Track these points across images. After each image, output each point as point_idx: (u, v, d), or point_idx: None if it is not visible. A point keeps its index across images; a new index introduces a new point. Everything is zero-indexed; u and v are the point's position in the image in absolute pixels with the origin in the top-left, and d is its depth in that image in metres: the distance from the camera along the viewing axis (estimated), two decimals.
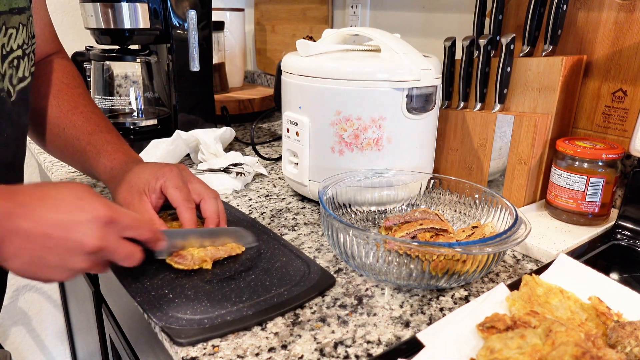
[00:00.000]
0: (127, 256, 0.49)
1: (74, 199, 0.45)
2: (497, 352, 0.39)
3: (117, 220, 0.47)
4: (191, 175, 0.64)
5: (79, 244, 0.44)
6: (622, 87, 0.74)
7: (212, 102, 1.09)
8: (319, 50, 0.75)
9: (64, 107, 0.69)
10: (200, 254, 0.58)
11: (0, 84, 0.55)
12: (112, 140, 0.69)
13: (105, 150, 0.68)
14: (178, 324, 0.49)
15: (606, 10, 0.74)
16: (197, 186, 0.63)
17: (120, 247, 0.48)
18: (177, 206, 0.60)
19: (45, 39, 0.70)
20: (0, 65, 0.55)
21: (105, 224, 0.46)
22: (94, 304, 1.00)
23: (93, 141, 0.68)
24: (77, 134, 0.69)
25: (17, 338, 1.59)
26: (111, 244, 0.46)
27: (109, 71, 1.00)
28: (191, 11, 0.97)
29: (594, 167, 0.69)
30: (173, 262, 0.57)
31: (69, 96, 0.71)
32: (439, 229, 0.64)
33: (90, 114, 0.71)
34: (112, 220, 0.46)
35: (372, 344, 0.48)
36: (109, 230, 0.46)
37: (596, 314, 0.47)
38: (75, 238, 0.44)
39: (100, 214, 0.45)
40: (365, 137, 0.72)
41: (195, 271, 0.58)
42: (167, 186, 0.61)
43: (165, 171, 0.62)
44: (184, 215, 0.60)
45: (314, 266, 0.60)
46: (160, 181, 0.61)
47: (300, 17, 1.44)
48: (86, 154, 0.68)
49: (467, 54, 0.82)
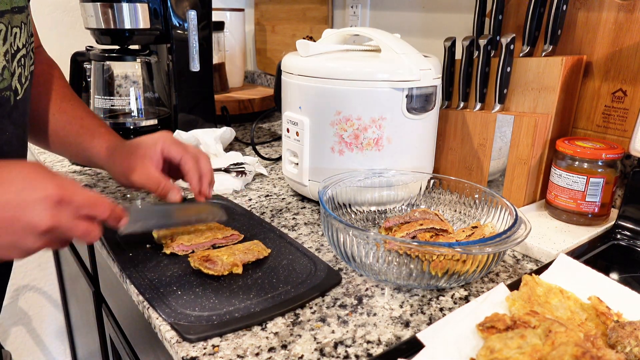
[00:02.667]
0: (84, 234, 0.48)
1: (24, 178, 0.44)
2: (497, 352, 0.39)
3: (70, 200, 0.46)
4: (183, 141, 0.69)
5: (30, 224, 0.43)
6: (622, 87, 0.74)
7: (212, 102, 1.09)
8: (319, 50, 0.75)
9: (53, 95, 0.71)
10: (230, 259, 0.58)
11: (7, 82, 0.55)
12: (103, 125, 0.73)
13: (99, 132, 0.71)
14: (187, 320, 0.49)
15: (606, 10, 0.74)
16: (191, 146, 0.67)
17: (74, 226, 0.47)
18: (181, 157, 0.64)
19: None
20: (10, 64, 0.55)
21: (57, 203, 0.45)
22: (94, 303, 1.00)
23: (86, 124, 0.71)
24: (68, 118, 0.71)
25: (17, 338, 1.59)
26: (64, 223, 0.45)
27: (109, 71, 1.00)
28: (191, 11, 0.97)
29: (594, 167, 0.69)
30: (203, 267, 0.57)
31: (58, 86, 0.73)
32: (439, 229, 0.64)
33: (77, 103, 0.74)
34: (63, 199, 0.45)
35: (372, 344, 0.48)
36: (62, 209, 0.45)
37: (596, 313, 0.47)
38: (26, 219, 0.43)
39: (51, 193, 0.44)
40: (365, 137, 0.72)
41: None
42: (167, 144, 0.64)
43: (161, 134, 0.66)
44: (188, 164, 0.64)
45: (320, 264, 0.60)
46: (159, 144, 0.64)
47: (300, 17, 1.44)
48: (80, 137, 0.70)
49: (467, 54, 0.82)
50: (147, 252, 0.62)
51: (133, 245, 0.63)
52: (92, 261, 0.98)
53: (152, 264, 0.60)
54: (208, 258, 0.57)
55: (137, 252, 0.63)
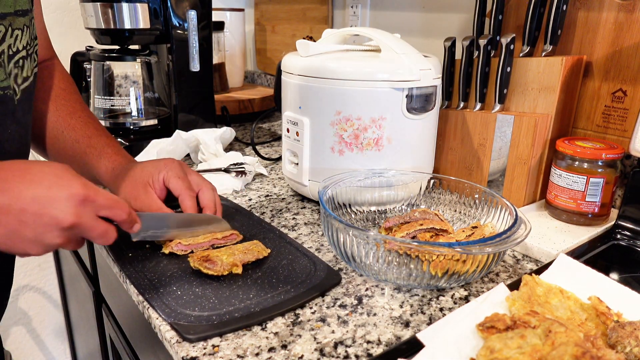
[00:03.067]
0: (101, 234, 0.50)
1: (53, 176, 0.47)
2: (497, 352, 0.39)
3: (93, 199, 0.48)
4: (189, 169, 0.69)
5: (54, 219, 0.45)
6: (622, 87, 0.74)
7: (212, 102, 1.09)
8: (319, 50, 0.75)
9: (62, 111, 0.72)
10: (230, 259, 0.58)
11: (7, 83, 0.57)
12: (111, 144, 0.72)
13: (106, 152, 0.71)
14: (187, 320, 0.49)
15: (606, 10, 0.74)
16: (196, 178, 0.67)
17: (95, 225, 0.49)
18: (180, 194, 0.64)
19: (42, 44, 0.72)
20: (7, 65, 0.56)
21: (81, 202, 0.47)
22: (94, 303, 1.00)
23: (93, 143, 0.71)
24: (77, 136, 0.71)
25: (17, 338, 1.59)
26: (86, 222, 0.48)
27: (109, 71, 1.00)
28: (191, 11, 0.97)
29: (594, 167, 0.69)
30: (203, 267, 0.57)
31: (67, 101, 0.73)
32: (439, 229, 0.64)
33: (87, 119, 0.73)
34: (88, 198, 0.47)
35: (372, 344, 0.48)
36: (85, 208, 0.47)
37: (596, 313, 0.47)
38: (52, 214, 0.45)
39: (76, 192, 0.46)
40: (365, 137, 0.72)
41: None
42: (170, 176, 0.64)
43: (166, 163, 0.66)
44: (186, 202, 0.64)
45: (319, 264, 0.60)
46: (163, 172, 0.64)
47: (300, 17, 1.44)
48: (87, 156, 0.70)
49: (467, 54, 0.82)
50: (147, 252, 0.63)
51: (133, 245, 0.63)
52: (92, 261, 0.98)
53: (152, 264, 0.60)
54: (208, 258, 0.57)
55: (136, 252, 0.63)
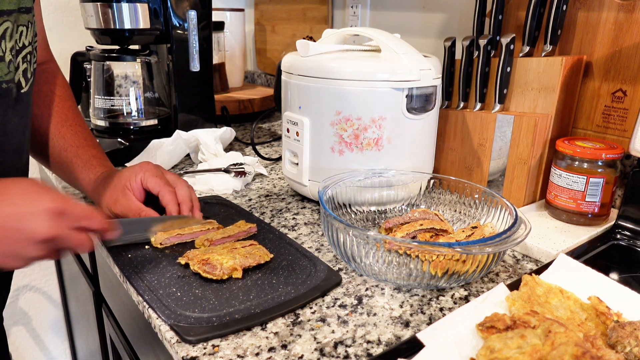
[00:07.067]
0: (79, 244, 0.51)
1: (27, 192, 0.48)
2: (497, 351, 0.39)
3: (68, 211, 0.49)
4: (165, 169, 0.72)
5: (32, 233, 0.47)
6: (622, 87, 0.74)
7: (212, 102, 1.09)
8: (319, 51, 0.75)
9: (55, 118, 0.73)
10: (230, 262, 0.57)
11: (12, 75, 0.58)
12: (97, 155, 0.74)
13: (91, 164, 0.73)
14: (187, 322, 0.49)
15: (606, 10, 0.74)
16: (172, 176, 0.71)
17: (71, 236, 0.50)
18: (159, 191, 0.67)
19: (40, 45, 0.72)
20: (14, 59, 0.57)
21: (56, 215, 0.48)
22: (94, 303, 1.00)
23: (80, 154, 0.73)
24: (65, 145, 0.73)
25: (17, 338, 1.59)
26: (62, 233, 0.49)
27: (109, 71, 1.00)
28: (191, 11, 0.97)
29: (594, 167, 0.69)
30: (202, 271, 0.57)
31: (60, 108, 0.74)
32: (439, 229, 0.64)
33: (78, 128, 0.75)
34: (62, 211, 0.49)
35: (372, 344, 0.48)
36: (60, 221, 0.49)
37: (596, 313, 0.47)
38: (29, 228, 0.47)
39: (51, 206, 0.48)
40: (365, 137, 0.72)
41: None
42: (147, 177, 0.68)
43: (142, 165, 0.69)
44: (167, 196, 0.67)
45: (320, 264, 0.60)
46: (140, 174, 0.67)
47: (300, 17, 1.44)
48: (72, 165, 0.72)
49: (467, 54, 0.82)
50: (146, 254, 0.62)
51: (132, 246, 0.63)
52: (92, 261, 0.98)
53: (151, 265, 0.60)
54: (207, 262, 0.57)
55: (136, 253, 0.62)
